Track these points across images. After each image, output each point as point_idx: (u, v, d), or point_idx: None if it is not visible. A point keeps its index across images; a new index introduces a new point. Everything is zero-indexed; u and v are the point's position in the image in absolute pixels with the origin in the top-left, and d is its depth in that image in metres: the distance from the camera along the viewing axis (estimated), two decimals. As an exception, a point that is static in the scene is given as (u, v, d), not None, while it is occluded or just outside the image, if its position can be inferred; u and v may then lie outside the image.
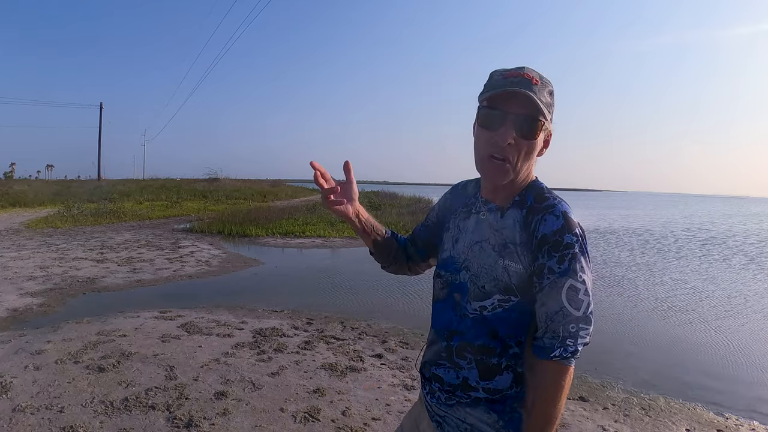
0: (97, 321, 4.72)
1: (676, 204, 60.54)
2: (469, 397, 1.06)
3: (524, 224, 1.02)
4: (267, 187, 33.54)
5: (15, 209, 17.55)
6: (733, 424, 3.25)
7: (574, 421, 3.06)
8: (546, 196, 1.04)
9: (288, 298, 6.14)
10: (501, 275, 1.02)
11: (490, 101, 1.01)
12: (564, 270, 0.96)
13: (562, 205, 1.01)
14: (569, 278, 0.96)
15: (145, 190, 26.13)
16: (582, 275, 0.97)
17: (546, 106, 0.99)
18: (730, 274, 9.33)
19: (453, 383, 1.08)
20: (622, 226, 20.53)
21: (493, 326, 1.04)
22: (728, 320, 5.97)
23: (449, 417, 1.10)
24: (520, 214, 1.04)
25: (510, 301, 1.02)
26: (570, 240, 0.97)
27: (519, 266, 1.01)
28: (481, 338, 1.05)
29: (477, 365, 1.05)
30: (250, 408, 2.94)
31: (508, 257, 1.02)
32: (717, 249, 13.28)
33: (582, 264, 0.97)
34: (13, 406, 2.81)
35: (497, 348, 1.04)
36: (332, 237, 12.55)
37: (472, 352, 1.06)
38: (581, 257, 0.97)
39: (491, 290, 1.03)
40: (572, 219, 0.99)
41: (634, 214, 30.51)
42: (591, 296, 0.98)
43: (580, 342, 0.98)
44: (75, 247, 9.57)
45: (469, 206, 1.16)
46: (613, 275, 8.71)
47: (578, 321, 0.97)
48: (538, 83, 0.99)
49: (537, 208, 1.02)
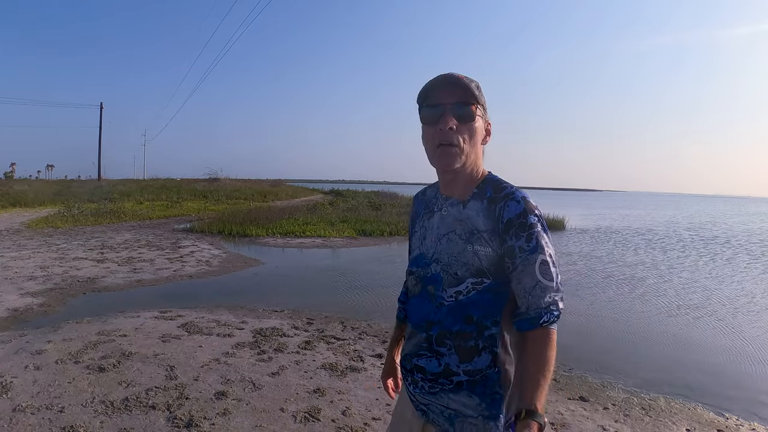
0: (97, 321, 4.72)
1: (676, 204, 60.55)
2: (451, 383, 1.12)
3: (488, 212, 1.11)
4: (267, 187, 33.53)
5: (15, 209, 17.56)
6: (733, 424, 3.25)
7: (574, 421, 3.06)
8: (503, 186, 1.13)
9: (288, 298, 6.14)
10: (471, 260, 1.10)
11: (428, 100, 1.12)
12: (533, 247, 1.06)
13: (521, 192, 1.11)
14: (539, 254, 1.06)
15: (146, 190, 26.13)
16: (548, 249, 1.08)
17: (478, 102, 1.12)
18: (733, 273, 9.33)
19: (435, 371, 1.14)
20: (623, 225, 20.52)
21: (469, 311, 1.11)
22: (729, 320, 5.97)
23: (433, 405, 1.16)
24: (481, 204, 1.13)
25: (483, 283, 1.10)
26: (533, 220, 1.08)
27: (488, 249, 1.09)
28: (458, 324, 1.12)
29: (456, 350, 1.12)
30: (251, 408, 2.94)
31: (477, 243, 1.10)
32: (719, 248, 13.27)
33: (546, 240, 1.09)
34: (13, 406, 2.81)
35: (474, 331, 1.11)
36: (332, 237, 12.55)
37: (450, 338, 1.12)
38: (544, 234, 1.09)
39: (464, 275, 1.11)
40: (531, 202, 1.10)
41: (635, 214, 30.50)
42: (557, 266, 1.09)
43: (561, 307, 1.08)
44: (75, 247, 9.58)
45: (431, 207, 1.24)
46: (614, 275, 8.71)
47: (553, 290, 1.07)
48: (464, 78, 1.11)
49: (497, 197, 1.11)
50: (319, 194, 35.42)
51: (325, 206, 20.38)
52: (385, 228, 13.64)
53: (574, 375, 3.94)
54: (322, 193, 36.34)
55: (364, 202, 22.98)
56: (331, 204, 22.37)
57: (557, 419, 3.07)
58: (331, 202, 23.73)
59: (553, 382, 3.73)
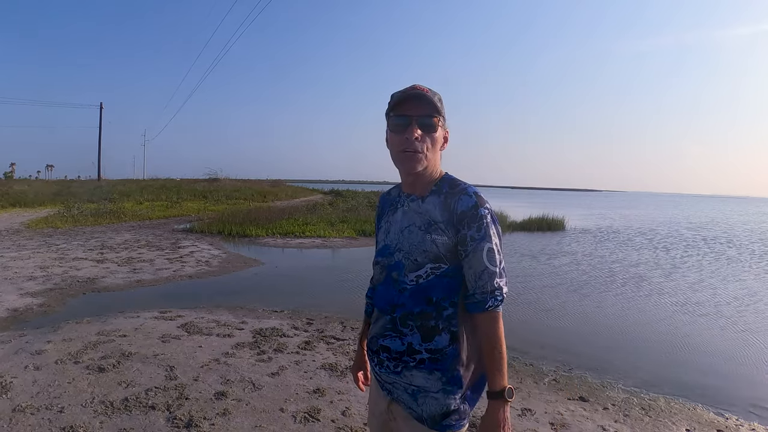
0: (97, 321, 4.72)
1: (677, 204, 60.60)
2: (414, 360, 1.24)
3: (444, 205, 1.24)
4: (267, 187, 33.53)
5: (15, 209, 17.54)
6: (733, 424, 3.25)
7: (574, 421, 3.06)
8: (458, 183, 1.28)
9: (288, 298, 6.14)
10: (430, 247, 1.23)
11: (396, 110, 1.25)
12: (482, 236, 1.20)
13: (473, 188, 1.25)
14: (487, 242, 1.20)
15: (145, 191, 26.11)
16: (495, 239, 1.22)
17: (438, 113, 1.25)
18: (734, 273, 9.33)
19: (399, 350, 1.26)
20: (625, 225, 20.52)
21: (428, 293, 1.23)
22: (729, 320, 5.97)
23: (398, 383, 1.27)
24: (438, 198, 1.26)
25: (440, 268, 1.22)
26: (483, 212, 1.21)
27: (444, 237, 1.22)
28: (419, 305, 1.23)
29: (419, 330, 1.23)
30: (250, 408, 2.94)
31: (435, 232, 1.23)
32: (720, 247, 13.28)
33: (494, 230, 1.22)
34: (13, 406, 2.81)
35: (433, 312, 1.23)
36: (332, 237, 12.55)
37: (413, 319, 1.24)
38: (492, 225, 1.22)
39: (423, 261, 1.23)
40: (482, 197, 1.23)
41: (635, 214, 30.50)
42: (502, 255, 1.24)
43: (505, 291, 1.22)
44: (75, 248, 9.57)
45: (395, 204, 1.37)
46: (615, 274, 8.71)
47: (497, 275, 1.21)
48: (428, 92, 1.24)
49: (452, 192, 1.25)
50: (318, 194, 35.42)
51: (324, 206, 20.38)
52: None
53: (573, 375, 3.94)
54: (321, 194, 36.33)
55: (363, 202, 22.99)
56: (331, 204, 22.38)
57: (557, 419, 3.07)
58: (331, 203, 23.73)
59: (553, 383, 3.73)
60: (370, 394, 1.46)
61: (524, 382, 3.70)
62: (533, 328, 5.29)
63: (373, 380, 1.42)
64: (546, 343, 4.75)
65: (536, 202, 40.38)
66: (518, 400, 3.34)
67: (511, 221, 17.26)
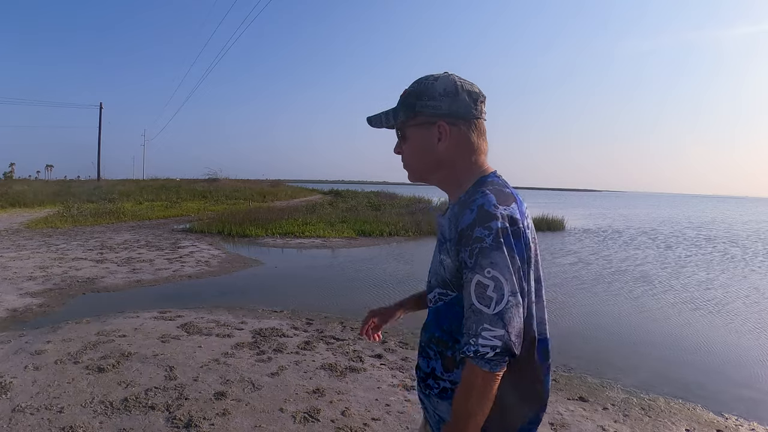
0: (96, 321, 4.71)
1: (677, 204, 60.58)
2: (438, 386, 1.08)
3: (454, 220, 1.02)
4: (267, 187, 33.53)
5: (15, 209, 17.54)
6: (732, 424, 3.25)
7: (573, 421, 3.06)
8: (476, 191, 1.02)
9: (288, 299, 6.14)
10: (439, 269, 1.07)
11: None
12: (472, 266, 0.94)
13: (484, 198, 0.97)
14: (476, 274, 0.93)
15: (145, 191, 26.13)
16: (492, 271, 0.91)
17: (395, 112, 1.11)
18: (740, 272, 9.34)
19: (426, 371, 1.12)
20: (627, 225, 20.52)
21: (441, 320, 1.07)
22: (729, 319, 5.97)
23: (427, 405, 1.14)
24: (453, 211, 1.06)
25: (448, 295, 1.04)
26: (480, 234, 0.93)
27: (449, 260, 1.02)
28: (437, 330, 1.09)
29: (440, 356, 1.08)
30: (250, 408, 2.94)
31: (444, 252, 1.05)
32: (723, 246, 13.30)
33: (492, 260, 0.92)
34: (12, 406, 2.80)
35: (449, 341, 1.05)
36: (332, 237, 12.55)
37: (435, 343, 1.09)
38: (492, 252, 0.92)
39: (434, 284, 1.09)
40: (488, 211, 0.94)
41: (634, 214, 30.50)
42: (504, 293, 0.91)
43: (483, 344, 0.90)
44: (75, 248, 9.57)
45: None
46: (615, 274, 8.71)
47: (484, 320, 0.91)
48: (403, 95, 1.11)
49: (464, 202, 1.02)
50: (318, 194, 35.42)
51: (324, 206, 20.39)
52: (385, 228, 13.63)
53: (573, 375, 3.94)
54: (321, 194, 36.33)
55: (363, 202, 22.99)
56: (331, 204, 22.38)
57: (556, 419, 3.07)
58: (331, 203, 23.73)
59: (552, 383, 3.72)
60: None
61: (524, 382, 3.70)
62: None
63: None
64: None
65: (536, 202, 40.38)
66: (518, 400, 3.33)
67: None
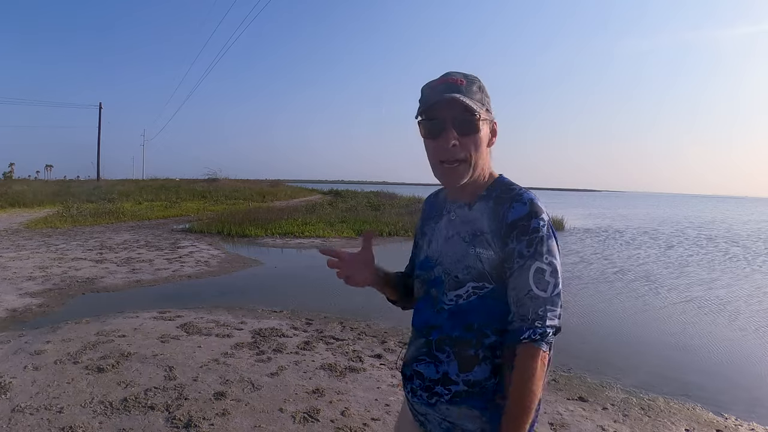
0: (96, 321, 4.71)
1: (677, 204, 60.61)
2: (449, 392, 1.07)
3: (493, 214, 1.06)
4: (266, 187, 33.53)
5: (14, 209, 17.53)
6: (732, 424, 3.25)
7: (573, 421, 3.06)
8: (512, 188, 1.09)
9: (287, 299, 6.14)
10: (474, 263, 1.06)
11: (427, 113, 1.07)
12: (531, 253, 1.01)
13: (529, 194, 1.06)
14: (536, 261, 1.00)
15: (144, 191, 26.13)
16: (549, 257, 1.01)
17: (477, 101, 1.06)
18: (737, 272, 9.34)
19: (433, 378, 1.09)
20: (627, 225, 20.53)
21: (469, 317, 1.07)
22: (729, 319, 5.97)
23: (431, 415, 1.11)
24: (487, 205, 1.09)
25: (484, 288, 1.05)
26: (537, 225, 1.02)
27: (491, 252, 1.05)
28: (457, 329, 1.07)
29: (456, 357, 1.07)
30: (250, 408, 2.94)
31: (479, 245, 1.06)
32: (725, 246, 13.29)
33: (548, 247, 1.02)
34: (12, 406, 2.80)
35: (473, 339, 1.06)
36: (331, 237, 12.54)
37: (450, 344, 1.08)
38: (548, 241, 1.02)
39: (464, 279, 1.07)
40: (538, 205, 1.04)
41: (634, 214, 30.51)
42: (558, 278, 1.02)
43: (549, 324, 1.00)
44: (74, 248, 9.56)
45: (441, 210, 1.21)
46: (619, 273, 8.72)
47: (545, 302, 1.00)
48: (464, 83, 1.06)
49: (504, 197, 1.07)
50: (317, 194, 35.40)
51: (324, 206, 20.39)
52: (384, 228, 13.63)
53: (573, 375, 3.94)
54: (320, 194, 36.31)
55: (363, 202, 22.99)
56: (331, 204, 22.38)
57: (556, 419, 3.07)
58: (330, 203, 23.73)
59: (552, 383, 3.73)
60: (400, 421, 1.30)
61: (523, 382, 3.70)
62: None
63: (404, 409, 1.26)
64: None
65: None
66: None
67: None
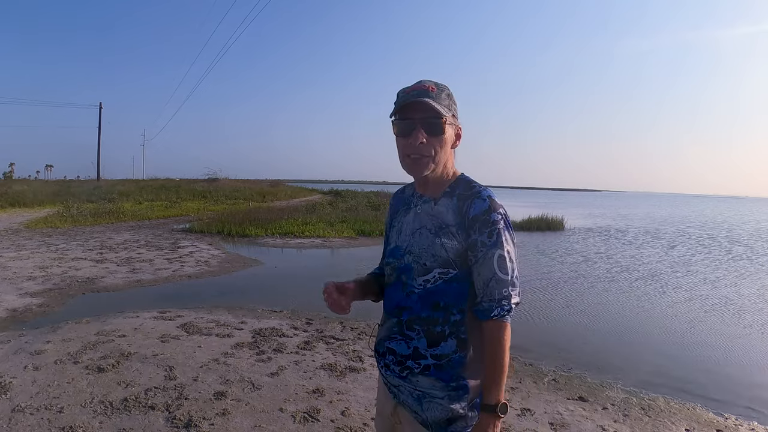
0: (96, 321, 4.71)
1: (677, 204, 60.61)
2: (419, 366, 1.21)
3: (457, 209, 1.21)
4: (266, 187, 33.53)
5: (14, 209, 17.52)
6: (732, 424, 3.25)
7: (573, 421, 3.06)
8: (473, 185, 1.24)
9: (287, 299, 6.14)
10: (439, 251, 1.20)
11: (400, 113, 1.21)
12: (493, 243, 1.16)
13: (487, 191, 1.21)
14: (498, 249, 1.16)
15: (145, 191, 26.13)
16: (507, 246, 1.18)
17: (445, 107, 1.19)
18: (741, 271, 9.34)
19: (405, 353, 1.24)
20: (629, 224, 20.53)
21: (436, 298, 1.21)
22: (729, 319, 5.97)
23: (403, 386, 1.25)
24: (451, 201, 1.23)
25: (449, 273, 1.20)
26: (495, 218, 1.17)
27: (455, 242, 1.19)
28: (426, 310, 1.21)
29: (425, 334, 1.21)
30: (250, 408, 2.94)
31: (445, 236, 1.20)
32: (727, 246, 13.30)
33: (507, 237, 1.18)
34: (12, 406, 2.80)
35: (440, 317, 1.21)
36: (331, 237, 12.55)
37: (419, 323, 1.22)
38: (505, 231, 1.18)
39: (432, 265, 1.21)
40: (496, 201, 1.19)
41: (635, 213, 30.51)
42: (515, 263, 1.19)
43: (513, 301, 1.18)
44: (74, 248, 9.56)
45: (408, 204, 1.34)
46: (620, 273, 8.72)
47: (507, 284, 1.17)
48: (434, 90, 1.20)
49: (466, 195, 1.21)
50: (317, 194, 35.39)
51: (324, 206, 20.38)
52: (384, 228, 13.65)
53: (573, 375, 3.95)
54: (320, 194, 36.30)
55: (363, 202, 22.99)
56: (331, 204, 22.37)
57: (556, 419, 3.07)
58: (330, 203, 23.73)
59: (552, 383, 3.73)
60: (378, 396, 1.44)
61: (524, 382, 3.70)
62: (533, 328, 5.28)
63: (380, 382, 1.39)
64: (545, 342, 4.75)
65: (535, 202, 40.39)
66: (518, 399, 3.34)
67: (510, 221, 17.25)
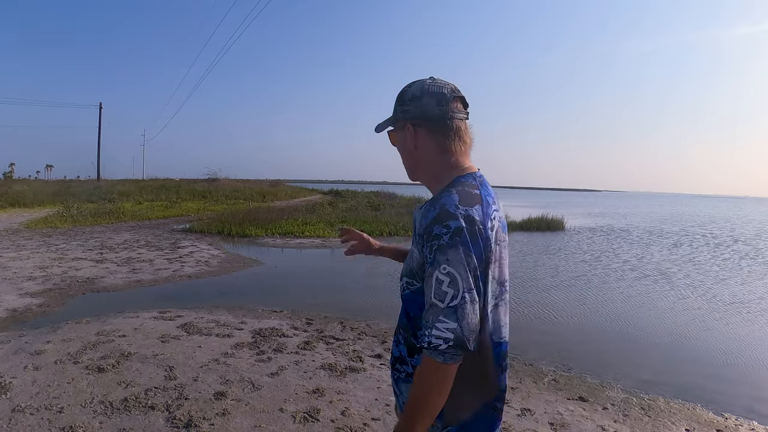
0: (96, 321, 4.71)
1: (679, 204, 60.58)
2: (404, 372, 1.13)
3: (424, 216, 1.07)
4: (266, 187, 33.52)
5: (14, 209, 17.54)
6: (732, 424, 3.25)
7: (573, 421, 3.06)
8: (445, 190, 1.07)
9: (287, 299, 6.14)
10: (408, 260, 1.13)
11: None
12: (431, 261, 0.99)
13: (447, 199, 1.02)
14: (435, 269, 0.97)
15: (145, 191, 26.15)
16: (447, 267, 0.96)
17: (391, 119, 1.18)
18: (745, 271, 9.34)
19: (395, 356, 1.17)
20: (632, 224, 20.52)
21: (407, 307, 1.12)
22: (729, 319, 5.97)
23: (395, 389, 1.19)
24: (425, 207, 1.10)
25: (414, 285, 1.10)
26: (438, 231, 0.98)
27: (417, 252, 1.08)
28: (403, 317, 1.15)
29: (405, 342, 1.13)
30: (250, 408, 2.94)
31: (414, 245, 1.11)
32: (732, 245, 13.29)
33: (449, 256, 0.96)
34: (12, 406, 2.80)
35: (412, 328, 1.10)
36: (331, 237, 12.54)
37: (402, 329, 1.15)
38: (449, 249, 0.96)
39: (403, 273, 1.15)
40: (449, 211, 0.99)
41: (635, 213, 30.49)
42: (459, 288, 0.95)
43: (435, 334, 0.95)
44: (74, 248, 9.56)
45: None
46: (620, 273, 8.72)
47: (439, 313, 0.95)
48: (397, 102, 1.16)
49: (433, 200, 1.08)
50: (318, 194, 35.38)
51: (324, 206, 20.38)
52: (385, 228, 13.64)
53: (573, 375, 3.95)
54: (321, 194, 36.29)
55: (363, 202, 22.98)
56: (331, 204, 22.37)
57: (556, 419, 3.07)
58: (331, 203, 23.72)
59: (552, 383, 3.73)
60: None
61: (524, 382, 3.70)
62: (533, 327, 5.28)
63: None
64: (546, 342, 4.75)
65: (537, 202, 40.37)
66: (518, 399, 3.34)
67: (510, 221, 17.28)
